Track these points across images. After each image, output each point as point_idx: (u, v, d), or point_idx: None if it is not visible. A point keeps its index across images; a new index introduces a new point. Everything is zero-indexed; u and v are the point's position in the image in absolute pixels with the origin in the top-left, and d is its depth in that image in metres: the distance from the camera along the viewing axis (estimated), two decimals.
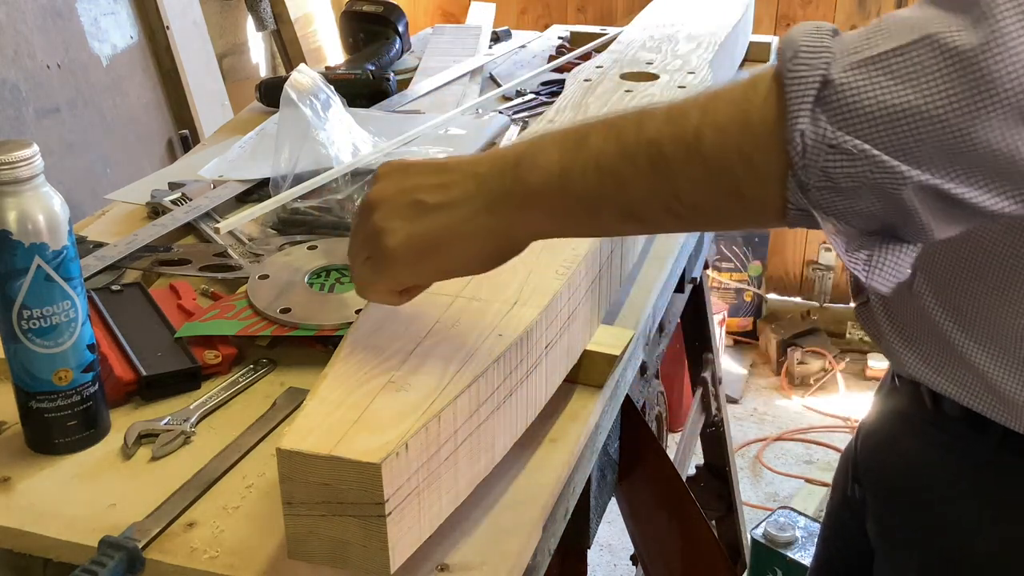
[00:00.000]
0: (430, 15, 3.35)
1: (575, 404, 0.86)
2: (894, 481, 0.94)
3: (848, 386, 3.06)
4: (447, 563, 0.69)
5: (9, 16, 2.08)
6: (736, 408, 2.98)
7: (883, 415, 0.96)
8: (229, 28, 2.89)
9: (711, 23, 1.51)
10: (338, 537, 0.63)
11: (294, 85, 1.23)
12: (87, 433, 0.82)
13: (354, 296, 0.95)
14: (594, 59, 1.38)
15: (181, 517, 0.74)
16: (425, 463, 0.65)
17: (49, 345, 0.78)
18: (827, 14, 3.08)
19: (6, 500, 0.77)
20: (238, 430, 0.83)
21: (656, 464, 1.13)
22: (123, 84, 2.40)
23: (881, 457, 0.96)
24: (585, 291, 0.86)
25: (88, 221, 1.23)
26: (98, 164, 2.29)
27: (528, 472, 0.78)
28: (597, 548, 2.38)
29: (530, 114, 1.51)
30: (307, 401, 0.67)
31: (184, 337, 0.92)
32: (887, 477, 0.95)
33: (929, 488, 0.89)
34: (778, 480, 2.70)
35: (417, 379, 0.69)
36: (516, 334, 0.74)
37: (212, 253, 1.09)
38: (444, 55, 1.78)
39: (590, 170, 0.64)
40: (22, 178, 0.74)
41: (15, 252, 0.75)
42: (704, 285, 1.87)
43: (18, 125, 2.07)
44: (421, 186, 0.69)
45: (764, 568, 2.03)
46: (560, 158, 0.66)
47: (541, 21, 3.23)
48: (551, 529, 0.77)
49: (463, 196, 0.68)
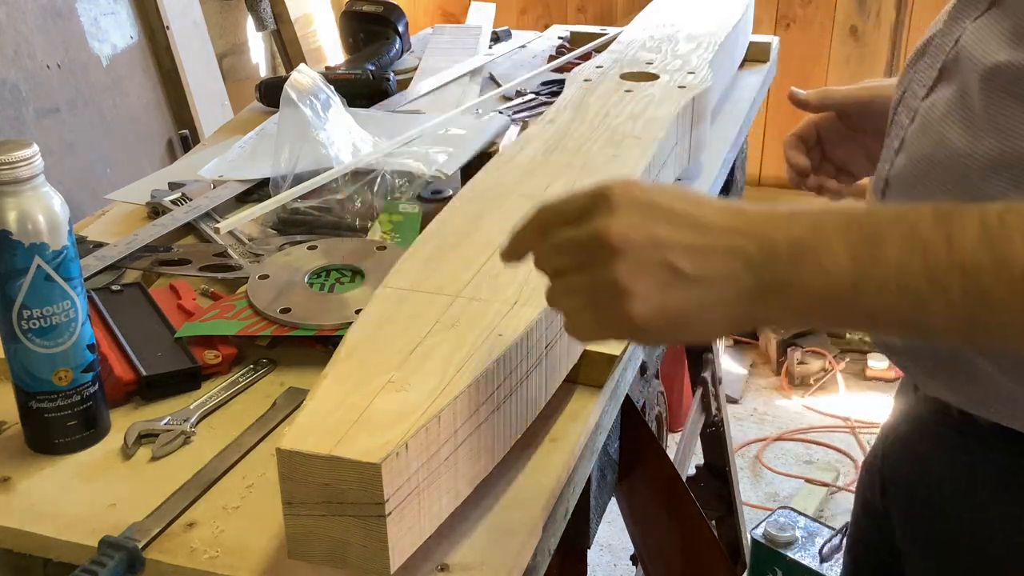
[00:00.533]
0: (430, 15, 3.35)
1: (575, 404, 0.86)
2: (920, 490, 0.91)
3: (848, 386, 3.05)
4: (447, 563, 0.69)
5: (9, 16, 2.08)
6: (736, 408, 2.98)
7: (906, 423, 0.94)
8: (229, 28, 2.89)
9: (711, 23, 1.51)
10: (338, 537, 0.63)
11: (294, 85, 1.23)
12: (87, 433, 0.82)
13: (354, 296, 0.95)
14: (594, 59, 1.38)
15: (181, 517, 0.74)
16: (425, 463, 0.65)
17: (49, 345, 0.78)
18: (827, 14, 3.08)
19: (6, 500, 0.77)
20: (238, 430, 0.83)
21: (656, 464, 1.13)
22: (123, 84, 2.40)
23: (906, 467, 0.93)
24: None
25: (88, 221, 1.23)
26: (98, 164, 2.29)
27: (528, 472, 0.78)
28: (597, 548, 2.38)
29: (530, 114, 1.51)
30: (307, 401, 0.67)
31: (184, 337, 0.92)
32: (913, 486, 0.92)
33: (956, 496, 0.86)
34: (778, 480, 2.70)
35: (417, 379, 0.69)
36: (516, 334, 0.74)
37: (212, 253, 1.09)
38: (444, 55, 1.78)
39: (889, 289, 0.58)
40: (22, 178, 0.74)
41: (15, 252, 0.75)
42: None
43: (18, 125, 2.07)
44: (675, 244, 0.60)
45: (764, 568, 2.03)
46: (852, 266, 0.58)
47: (541, 21, 3.22)
48: (551, 529, 0.77)
49: (726, 275, 0.60)
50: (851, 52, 3.09)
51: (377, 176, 1.18)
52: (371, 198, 1.17)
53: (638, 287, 0.60)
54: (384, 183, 1.19)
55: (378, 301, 0.79)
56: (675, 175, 1.21)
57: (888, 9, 3.01)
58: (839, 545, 2.00)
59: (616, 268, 0.60)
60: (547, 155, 1.04)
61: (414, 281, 0.82)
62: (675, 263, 0.60)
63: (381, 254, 1.03)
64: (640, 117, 1.14)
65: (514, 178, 0.99)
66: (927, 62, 0.84)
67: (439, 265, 0.84)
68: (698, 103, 1.22)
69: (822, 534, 2.03)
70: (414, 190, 1.21)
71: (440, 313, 0.77)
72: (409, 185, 1.21)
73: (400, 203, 1.18)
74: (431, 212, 1.01)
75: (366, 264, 1.01)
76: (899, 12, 3.00)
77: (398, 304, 0.79)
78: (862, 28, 3.06)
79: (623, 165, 1.01)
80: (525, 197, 0.95)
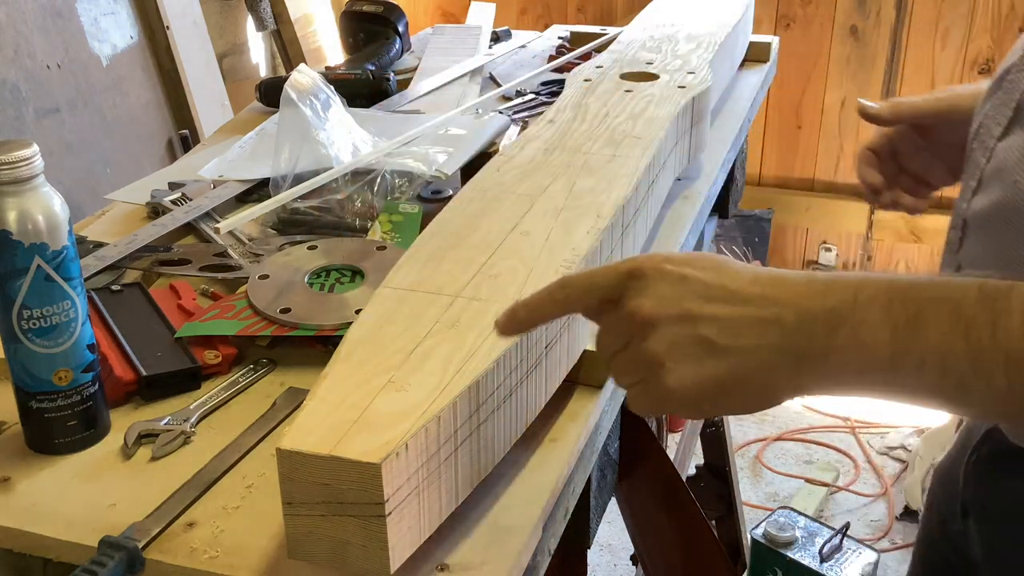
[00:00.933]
0: (430, 15, 3.35)
1: (575, 404, 0.86)
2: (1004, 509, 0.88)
3: None
4: (447, 563, 0.69)
5: (9, 16, 2.08)
6: None
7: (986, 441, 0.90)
8: (229, 28, 2.89)
9: (711, 23, 1.51)
10: (338, 537, 0.63)
11: (294, 85, 1.23)
12: (87, 433, 0.82)
13: (354, 296, 0.96)
14: (594, 59, 1.38)
15: (181, 517, 0.74)
16: (425, 463, 0.65)
17: (49, 345, 0.78)
18: (827, 14, 3.08)
19: (6, 500, 0.77)
20: (238, 430, 0.83)
21: (656, 464, 1.13)
22: (123, 84, 2.40)
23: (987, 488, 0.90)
24: None
25: (88, 221, 1.23)
26: (98, 164, 2.29)
27: (528, 472, 0.78)
28: (597, 548, 2.39)
29: (530, 114, 1.51)
30: (307, 401, 0.67)
31: (184, 337, 0.92)
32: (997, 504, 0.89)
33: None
34: (778, 480, 2.70)
35: (417, 379, 0.69)
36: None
37: (212, 253, 1.09)
38: (444, 55, 1.78)
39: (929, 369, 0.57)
40: (22, 178, 0.74)
41: (15, 252, 0.75)
42: None
43: (18, 125, 2.07)
44: (708, 317, 0.61)
45: (764, 568, 2.03)
46: (890, 342, 0.58)
47: (541, 21, 3.23)
48: (551, 529, 0.77)
49: (761, 345, 0.60)
50: (851, 52, 3.10)
51: (377, 176, 1.18)
52: (371, 198, 1.17)
53: (673, 361, 0.60)
54: (384, 183, 1.19)
55: (378, 301, 0.79)
56: (675, 175, 1.21)
57: (888, 9, 3.01)
58: (839, 545, 2.00)
59: (651, 343, 0.61)
60: (547, 155, 1.04)
61: (414, 281, 0.82)
62: (708, 336, 0.60)
63: (381, 254, 1.03)
64: (640, 117, 1.14)
65: (514, 178, 0.99)
66: (1002, 98, 0.81)
67: (439, 265, 0.84)
68: (698, 103, 1.22)
69: (822, 534, 2.03)
70: (414, 190, 1.21)
71: (440, 313, 0.77)
72: (409, 185, 1.21)
73: (400, 203, 1.18)
74: (431, 212, 1.01)
75: (366, 264, 1.01)
76: (899, 12, 3.01)
77: (398, 304, 0.79)
78: (862, 28, 3.06)
79: (623, 165, 1.01)
80: (525, 197, 0.95)
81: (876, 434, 2.88)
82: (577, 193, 0.95)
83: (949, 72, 3.01)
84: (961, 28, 2.96)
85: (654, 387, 0.62)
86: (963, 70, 3.00)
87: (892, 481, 2.69)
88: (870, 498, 2.64)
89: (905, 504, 2.55)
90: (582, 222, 0.90)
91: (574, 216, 0.91)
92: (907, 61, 3.04)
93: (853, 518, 2.53)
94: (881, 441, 2.85)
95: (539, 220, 0.91)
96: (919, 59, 3.03)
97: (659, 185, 1.11)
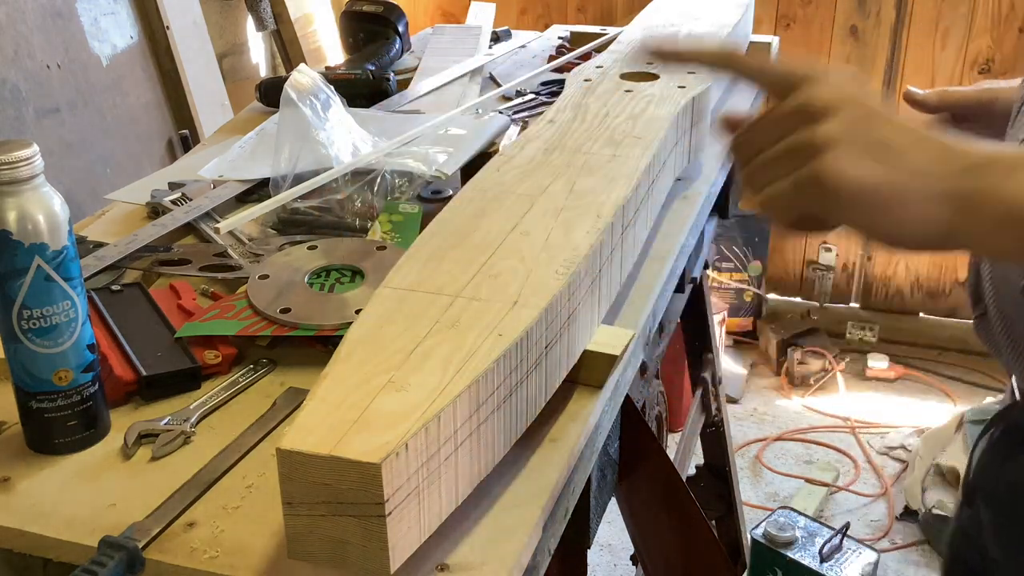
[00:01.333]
0: (430, 15, 3.35)
1: (575, 404, 0.86)
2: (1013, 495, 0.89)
3: (848, 386, 3.05)
4: (447, 563, 0.69)
5: (9, 16, 2.08)
6: (736, 408, 2.98)
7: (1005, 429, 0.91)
8: (229, 28, 2.89)
9: (711, 23, 1.51)
10: (338, 537, 0.63)
11: (294, 85, 1.23)
12: (87, 433, 0.82)
13: (354, 296, 0.96)
14: (594, 59, 1.38)
15: (181, 517, 0.74)
16: (425, 463, 0.65)
17: (49, 345, 0.78)
18: (827, 14, 3.08)
19: (6, 500, 0.77)
20: (238, 430, 0.83)
21: (656, 464, 1.13)
22: (123, 84, 2.40)
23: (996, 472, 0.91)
24: (585, 291, 0.86)
25: (88, 221, 1.23)
26: (98, 164, 2.29)
27: (528, 472, 0.78)
28: (597, 548, 2.39)
29: (530, 114, 1.51)
30: (307, 401, 0.67)
31: (184, 337, 0.92)
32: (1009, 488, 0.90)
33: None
34: (778, 480, 2.70)
35: (417, 379, 0.69)
36: (516, 334, 0.74)
37: (212, 253, 1.09)
38: (444, 55, 1.78)
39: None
40: (22, 178, 0.74)
41: (15, 252, 0.75)
42: (704, 285, 1.87)
43: (18, 125, 2.07)
44: (895, 125, 0.59)
45: (764, 568, 2.03)
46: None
47: (541, 21, 3.23)
48: (551, 529, 0.77)
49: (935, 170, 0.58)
50: (851, 52, 3.09)
51: (377, 176, 1.18)
52: (371, 198, 1.17)
53: (845, 145, 0.57)
54: (384, 183, 1.19)
55: (378, 301, 0.79)
56: (675, 175, 1.21)
57: (888, 9, 3.01)
58: (839, 545, 2.00)
59: (829, 125, 0.58)
60: (547, 155, 1.04)
61: (414, 281, 0.82)
62: (888, 139, 0.58)
63: (381, 254, 1.03)
64: (640, 117, 1.14)
65: (514, 178, 0.99)
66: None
67: (439, 265, 0.84)
68: (698, 103, 1.22)
69: (822, 534, 2.03)
70: (414, 190, 1.21)
71: (440, 313, 0.77)
72: (409, 185, 1.21)
73: (400, 203, 1.18)
74: (431, 212, 1.01)
75: (366, 264, 1.01)
76: (899, 12, 3.00)
77: (398, 304, 0.79)
78: (862, 28, 3.06)
79: (623, 165, 1.01)
80: (525, 197, 0.95)
81: (876, 434, 2.89)
82: (577, 193, 0.95)
83: (949, 72, 3.01)
84: (961, 28, 2.96)
85: (805, 175, 0.58)
86: (963, 70, 3.00)
87: (892, 481, 2.69)
88: (870, 498, 2.64)
89: (905, 504, 2.55)
90: (582, 222, 0.90)
91: (574, 216, 0.91)
92: (907, 61, 3.04)
93: (853, 518, 2.53)
94: (881, 441, 2.85)
95: (539, 220, 0.91)
96: (919, 59, 3.03)
97: (659, 185, 1.11)
